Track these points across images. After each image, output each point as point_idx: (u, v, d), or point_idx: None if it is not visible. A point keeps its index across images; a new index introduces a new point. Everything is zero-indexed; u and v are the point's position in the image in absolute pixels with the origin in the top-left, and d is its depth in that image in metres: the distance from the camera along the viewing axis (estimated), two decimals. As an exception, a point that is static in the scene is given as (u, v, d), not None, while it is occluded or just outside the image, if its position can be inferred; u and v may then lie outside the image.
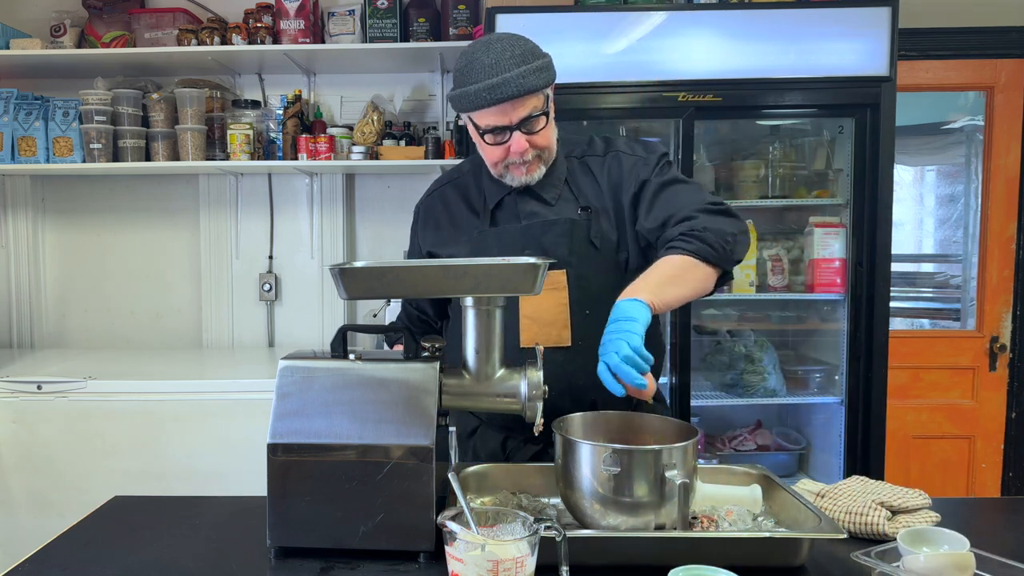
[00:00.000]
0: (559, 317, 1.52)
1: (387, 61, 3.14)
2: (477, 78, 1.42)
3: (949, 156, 3.39)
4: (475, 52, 1.45)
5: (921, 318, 3.42)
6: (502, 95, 1.41)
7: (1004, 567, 1.05)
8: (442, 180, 1.74)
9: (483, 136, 1.50)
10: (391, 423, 1.17)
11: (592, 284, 1.53)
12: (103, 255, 3.36)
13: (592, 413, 1.34)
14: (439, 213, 1.68)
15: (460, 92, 1.46)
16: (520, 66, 1.42)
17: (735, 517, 1.22)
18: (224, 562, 1.18)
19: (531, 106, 1.45)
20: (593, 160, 1.61)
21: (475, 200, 1.64)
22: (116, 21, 3.13)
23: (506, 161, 1.51)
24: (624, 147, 1.61)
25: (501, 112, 1.44)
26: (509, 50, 1.43)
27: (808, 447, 3.05)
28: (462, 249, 1.59)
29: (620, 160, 1.58)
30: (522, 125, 1.46)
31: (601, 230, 1.55)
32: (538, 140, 1.50)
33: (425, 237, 1.69)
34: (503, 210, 1.60)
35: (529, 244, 1.54)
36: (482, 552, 0.93)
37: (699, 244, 1.38)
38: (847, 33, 2.52)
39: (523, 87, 1.41)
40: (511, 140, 1.47)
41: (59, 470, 2.54)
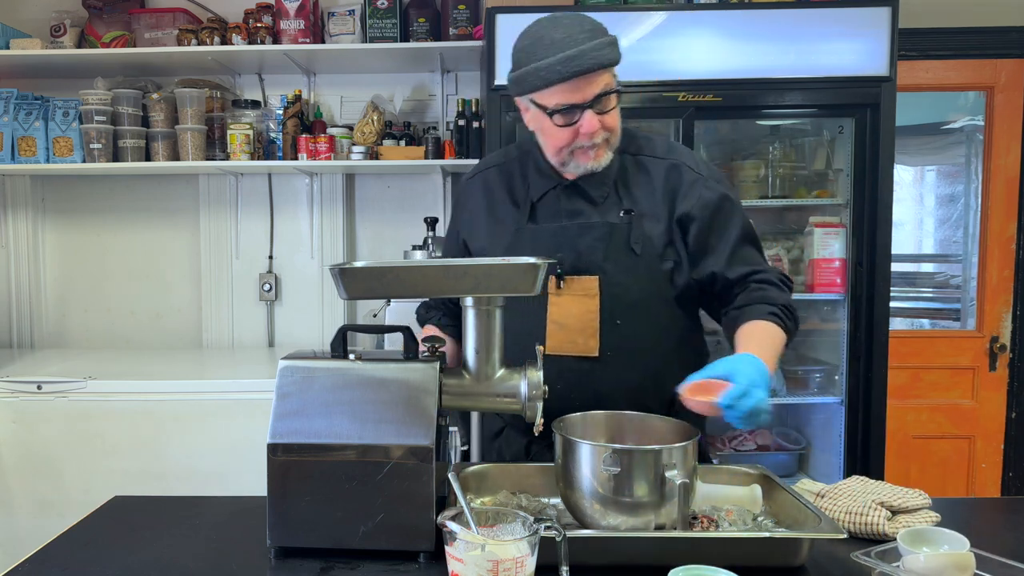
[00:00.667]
0: (588, 325, 1.46)
1: (387, 61, 3.14)
2: (547, 53, 1.34)
3: (949, 156, 3.39)
4: (540, 29, 1.38)
5: (921, 318, 3.42)
6: (578, 68, 1.33)
7: (1004, 567, 1.05)
8: (488, 162, 1.66)
9: (551, 116, 1.40)
10: (391, 423, 1.17)
11: (627, 293, 1.47)
12: (103, 255, 3.36)
13: (592, 413, 1.34)
14: (478, 199, 1.60)
15: (527, 70, 1.37)
16: (593, 39, 1.36)
17: (735, 517, 1.22)
18: (224, 562, 1.18)
19: (603, 83, 1.38)
20: (651, 161, 1.53)
21: (518, 190, 1.56)
22: (116, 21, 3.13)
23: (573, 145, 1.43)
24: (688, 160, 1.53)
25: (574, 88, 1.36)
26: (578, 24, 1.37)
27: (808, 447, 3.04)
28: (496, 244, 1.53)
29: (681, 172, 1.50)
30: (595, 103, 1.38)
31: (644, 236, 1.47)
32: (609, 121, 1.42)
33: (463, 223, 1.63)
34: (545, 205, 1.52)
35: (563, 246, 1.48)
36: (482, 552, 0.93)
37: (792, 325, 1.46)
38: (847, 33, 2.52)
39: (599, 60, 1.34)
40: (582, 120, 1.39)
41: (59, 470, 2.54)
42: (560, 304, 1.47)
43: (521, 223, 1.53)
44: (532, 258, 1.22)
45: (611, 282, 1.46)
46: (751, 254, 1.51)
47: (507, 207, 1.56)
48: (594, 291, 1.46)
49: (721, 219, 1.49)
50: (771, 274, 1.50)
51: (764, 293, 1.46)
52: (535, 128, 1.48)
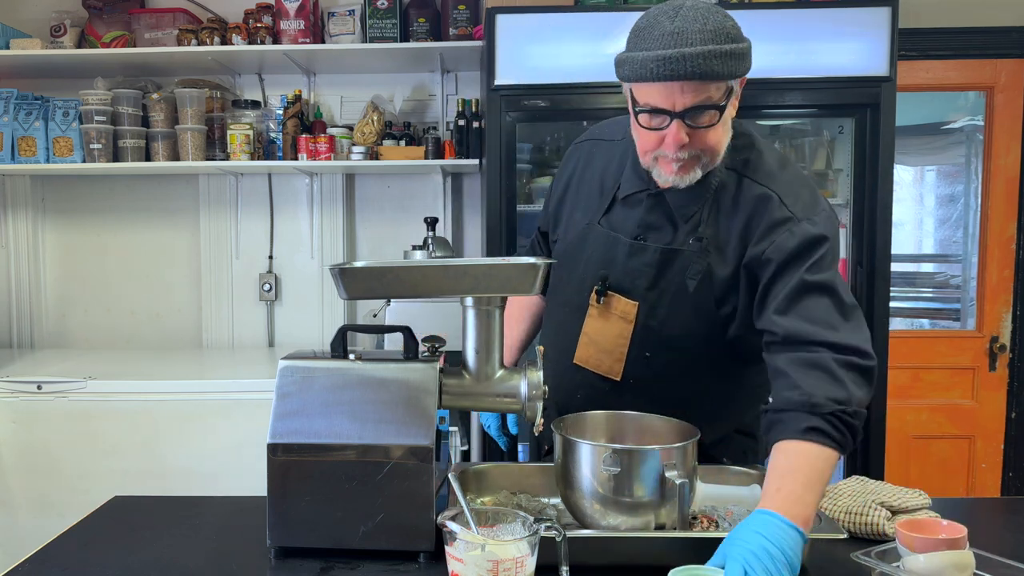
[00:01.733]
0: (617, 349, 1.37)
1: (387, 61, 3.14)
2: (651, 45, 1.18)
3: (949, 156, 3.39)
4: (659, 14, 1.21)
5: (921, 318, 3.42)
6: (673, 72, 1.16)
7: (1004, 567, 1.05)
8: (599, 133, 1.51)
9: (637, 115, 1.25)
10: (391, 423, 1.17)
11: (667, 328, 1.33)
12: (103, 255, 3.36)
13: (592, 413, 1.34)
14: (576, 169, 1.49)
15: (626, 56, 1.23)
16: (707, 44, 1.16)
17: (735, 517, 1.22)
18: (224, 562, 1.18)
19: (705, 95, 1.19)
20: (747, 184, 1.30)
21: (610, 176, 1.42)
22: (116, 21, 3.13)
23: (656, 152, 1.26)
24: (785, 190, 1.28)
25: (666, 92, 1.19)
26: (699, 21, 1.18)
27: (808, 447, 3.04)
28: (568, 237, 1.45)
29: (769, 206, 1.27)
30: (687, 115, 1.20)
31: (704, 270, 1.30)
32: (702, 138, 1.23)
33: (556, 191, 1.53)
34: (628, 206, 1.38)
35: (611, 263, 1.37)
36: (482, 552, 0.93)
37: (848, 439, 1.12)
38: (847, 33, 2.52)
39: (701, 69, 1.16)
40: (668, 129, 1.22)
41: (59, 470, 2.54)
42: (596, 319, 1.40)
43: (595, 217, 1.42)
44: (532, 258, 1.22)
45: (650, 313, 1.34)
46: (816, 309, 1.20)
47: (593, 191, 1.44)
48: (631, 317, 1.35)
49: (794, 265, 1.23)
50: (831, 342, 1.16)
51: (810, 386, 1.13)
52: (630, 120, 1.32)
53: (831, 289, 1.22)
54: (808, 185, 1.34)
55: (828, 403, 1.11)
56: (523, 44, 2.51)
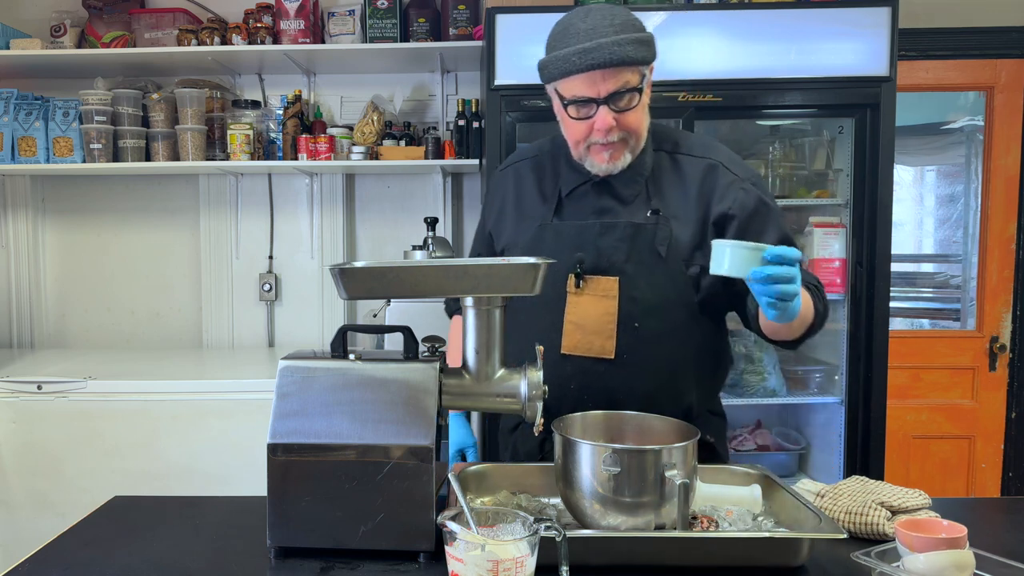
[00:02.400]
0: (605, 327, 1.43)
1: (387, 61, 3.14)
2: (568, 43, 1.33)
3: (949, 156, 3.40)
4: (571, 17, 1.37)
5: (921, 318, 3.42)
6: (592, 61, 1.31)
7: (1004, 567, 1.05)
8: (521, 154, 1.64)
9: (567, 108, 1.39)
10: (391, 423, 1.17)
11: (647, 296, 1.43)
12: (103, 255, 3.36)
13: (592, 413, 1.34)
14: (508, 191, 1.59)
15: (548, 58, 1.37)
16: (617, 34, 1.32)
17: (735, 517, 1.22)
18: (224, 562, 1.18)
19: (623, 80, 1.34)
20: (688, 160, 1.49)
21: (548, 184, 1.54)
22: (116, 21, 3.13)
23: (588, 141, 1.40)
24: (726, 160, 1.49)
25: (589, 81, 1.34)
26: (608, 17, 1.34)
27: (808, 447, 3.04)
28: (520, 239, 1.51)
29: (717, 173, 1.46)
30: (611, 100, 1.35)
31: (671, 238, 1.43)
32: (626, 120, 1.38)
33: (490, 215, 1.62)
34: (574, 200, 1.50)
35: (584, 245, 1.45)
36: (482, 552, 0.93)
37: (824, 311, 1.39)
38: (847, 33, 2.52)
39: (616, 56, 1.31)
40: (596, 115, 1.37)
41: (59, 470, 2.54)
42: (578, 304, 1.45)
43: (546, 218, 1.50)
44: (532, 258, 1.22)
45: (631, 284, 1.43)
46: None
47: (535, 201, 1.54)
48: (613, 293, 1.43)
49: (758, 221, 1.45)
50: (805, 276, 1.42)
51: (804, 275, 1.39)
52: (559, 118, 1.46)
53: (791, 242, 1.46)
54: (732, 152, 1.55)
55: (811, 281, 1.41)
56: (523, 44, 2.51)
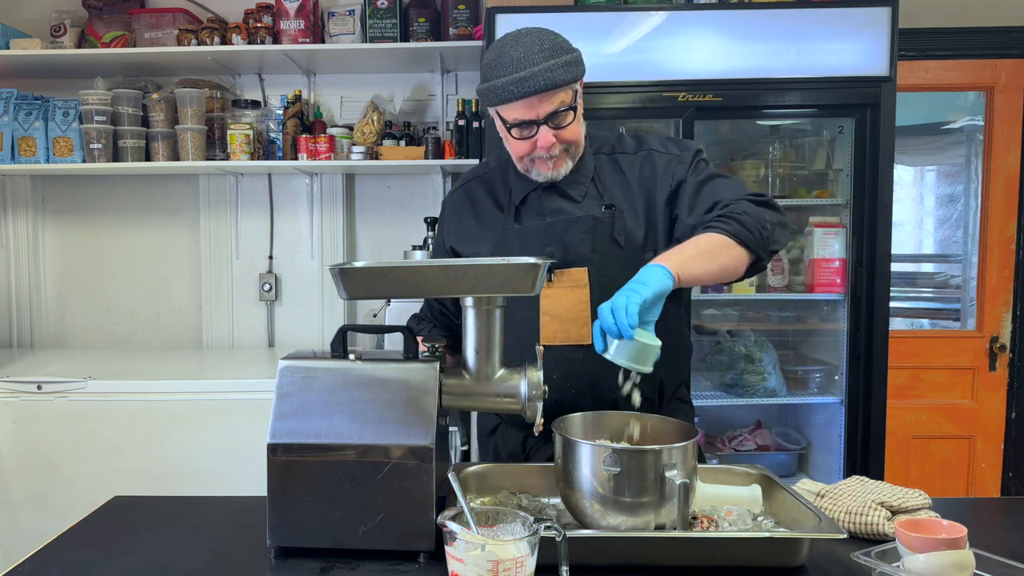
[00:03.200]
0: (579, 315, 1.51)
1: (387, 61, 3.14)
2: (504, 72, 1.41)
3: (949, 156, 3.39)
4: (503, 46, 1.44)
5: (921, 318, 3.42)
6: (529, 89, 1.40)
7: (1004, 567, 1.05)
8: (469, 175, 1.73)
9: (510, 130, 1.48)
10: (391, 423, 1.17)
11: (615, 282, 1.46)
12: (103, 255, 3.36)
13: (592, 413, 1.34)
14: (463, 208, 1.66)
15: (488, 86, 1.45)
16: (548, 60, 1.40)
17: (735, 517, 1.22)
18: (224, 562, 1.18)
19: (559, 100, 1.44)
20: (623, 157, 1.59)
21: (501, 195, 1.63)
22: (116, 21, 3.13)
23: (532, 155, 1.50)
24: (657, 145, 1.59)
25: (528, 106, 1.43)
26: (537, 44, 1.42)
27: (808, 447, 3.05)
28: (485, 246, 1.58)
29: (653, 159, 1.56)
30: (549, 119, 1.45)
31: (626, 228, 1.53)
32: (565, 135, 1.48)
33: (448, 232, 1.68)
34: (528, 206, 1.58)
35: (552, 241, 1.53)
36: (482, 552, 0.93)
37: (736, 225, 1.38)
38: (847, 33, 2.52)
39: (550, 81, 1.40)
40: (538, 134, 1.46)
41: (59, 470, 2.54)
42: (552, 296, 1.52)
43: (508, 223, 1.58)
44: (532, 258, 1.22)
45: (599, 272, 1.51)
46: (711, 191, 1.50)
47: (492, 212, 1.61)
48: (584, 282, 1.51)
49: (694, 176, 1.53)
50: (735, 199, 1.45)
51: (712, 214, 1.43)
52: (502, 136, 1.54)
53: (720, 175, 1.54)
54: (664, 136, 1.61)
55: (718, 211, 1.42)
56: (523, 44, 2.51)
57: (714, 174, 1.54)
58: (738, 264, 1.40)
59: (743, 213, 1.40)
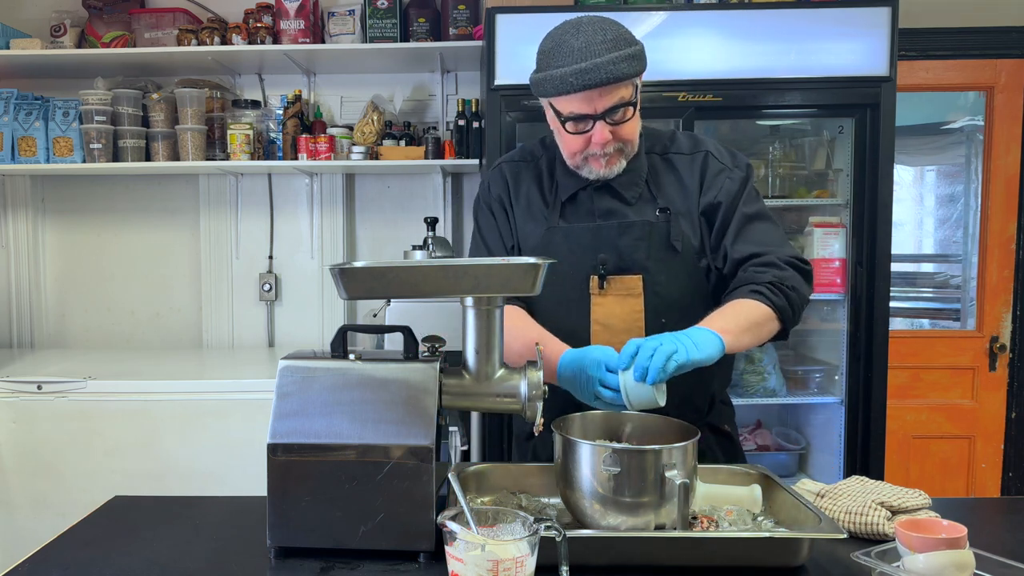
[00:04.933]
0: (633, 325, 1.45)
1: (387, 61, 3.14)
2: (564, 61, 1.34)
3: (949, 156, 3.39)
4: (563, 34, 1.37)
5: (921, 318, 3.42)
6: (591, 81, 1.32)
7: (1004, 567, 1.05)
8: (513, 156, 1.62)
9: (564, 124, 1.41)
10: (391, 423, 1.17)
11: (670, 291, 1.46)
12: (103, 255, 3.36)
13: (592, 413, 1.34)
14: (508, 188, 1.57)
15: (544, 75, 1.37)
16: (611, 51, 1.33)
17: (735, 517, 1.22)
18: (224, 562, 1.18)
19: (618, 96, 1.37)
20: (678, 158, 1.52)
21: (546, 188, 1.54)
22: (116, 21, 3.13)
23: (585, 152, 1.43)
24: (712, 149, 1.53)
25: (587, 99, 1.36)
26: (600, 34, 1.35)
27: (808, 447, 3.05)
28: (528, 241, 1.50)
29: (708, 162, 1.50)
30: (607, 115, 1.38)
31: (682, 233, 1.46)
32: (622, 132, 1.41)
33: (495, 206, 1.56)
34: (576, 205, 1.51)
35: (603, 246, 1.46)
36: (482, 552, 0.93)
37: (784, 302, 1.36)
38: (847, 33, 2.52)
39: (613, 74, 1.33)
40: (593, 130, 1.39)
41: (59, 470, 2.54)
42: (603, 304, 1.46)
43: (553, 221, 1.50)
44: (532, 258, 1.22)
45: (654, 280, 1.45)
46: (761, 233, 1.46)
47: (537, 204, 1.53)
48: (638, 290, 1.45)
49: (736, 202, 1.48)
50: (778, 255, 1.43)
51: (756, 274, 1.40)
52: (553, 129, 1.47)
53: (767, 216, 1.49)
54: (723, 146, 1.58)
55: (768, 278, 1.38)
56: (523, 44, 2.50)
57: (762, 212, 1.49)
58: (768, 338, 1.39)
59: (792, 289, 1.37)
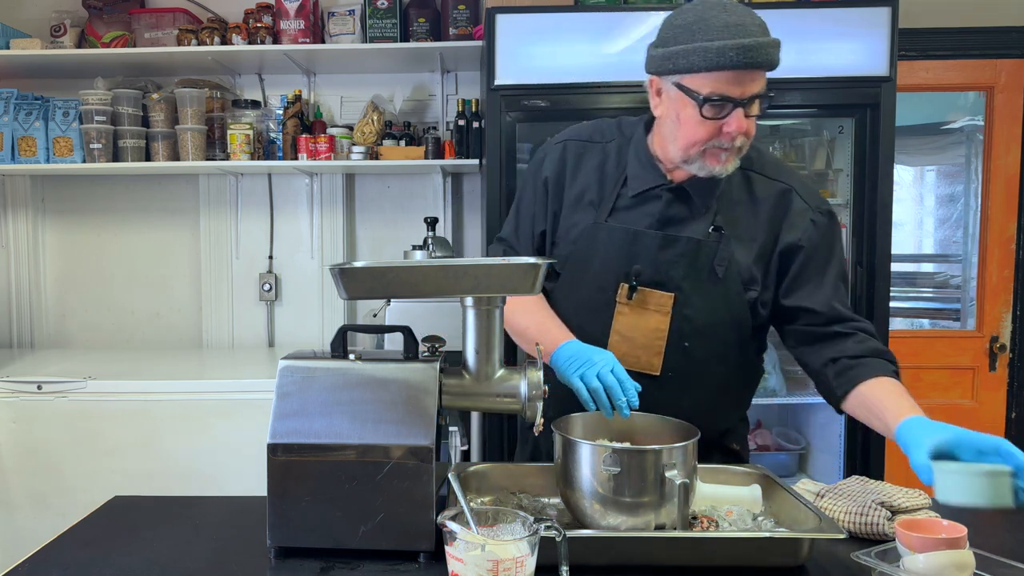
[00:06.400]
0: (654, 343, 1.39)
1: (387, 61, 3.14)
2: (718, 35, 1.22)
3: (949, 156, 3.39)
4: (705, 10, 1.27)
5: (921, 318, 3.42)
6: (752, 59, 1.22)
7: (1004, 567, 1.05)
8: (581, 134, 1.51)
9: (703, 105, 1.27)
10: (391, 423, 1.17)
11: (701, 315, 1.38)
12: (103, 255, 3.36)
13: (592, 413, 1.33)
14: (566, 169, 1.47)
15: (688, 48, 1.25)
16: (766, 35, 1.24)
17: (735, 517, 1.22)
18: (224, 562, 1.18)
19: (761, 84, 1.27)
20: (759, 179, 1.42)
21: (607, 177, 1.44)
22: (116, 21, 3.13)
23: (708, 144, 1.30)
24: (798, 185, 1.43)
25: (737, 80, 1.24)
26: (750, 16, 1.25)
27: (808, 447, 3.04)
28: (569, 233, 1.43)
29: (791, 200, 1.40)
30: (750, 102, 1.27)
31: (731, 258, 1.37)
32: (750, 127, 1.30)
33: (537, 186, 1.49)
34: (639, 202, 1.41)
35: (640, 256, 1.39)
36: (482, 552, 0.93)
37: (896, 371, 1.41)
38: (847, 33, 2.52)
39: (769, 58, 1.24)
40: (730, 117, 1.27)
41: (59, 470, 2.54)
42: (628, 315, 1.40)
43: (600, 217, 1.42)
44: (532, 258, 1.22)
45: (686, 302, 1.38)
46: (844, 294, 1.44)
47: (592, 193, 1.44)
48: (667, 308, 1.38)
49: (823, 253, 1.41)
50: (865, 323, 1.43)
51: (874, 346, 1.40)
52: (667, 115, 1.35)
53: (847, 276, 1.46)
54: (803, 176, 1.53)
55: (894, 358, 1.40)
56: (523, 44, 2.51)
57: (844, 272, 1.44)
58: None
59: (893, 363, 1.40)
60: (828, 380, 1.39)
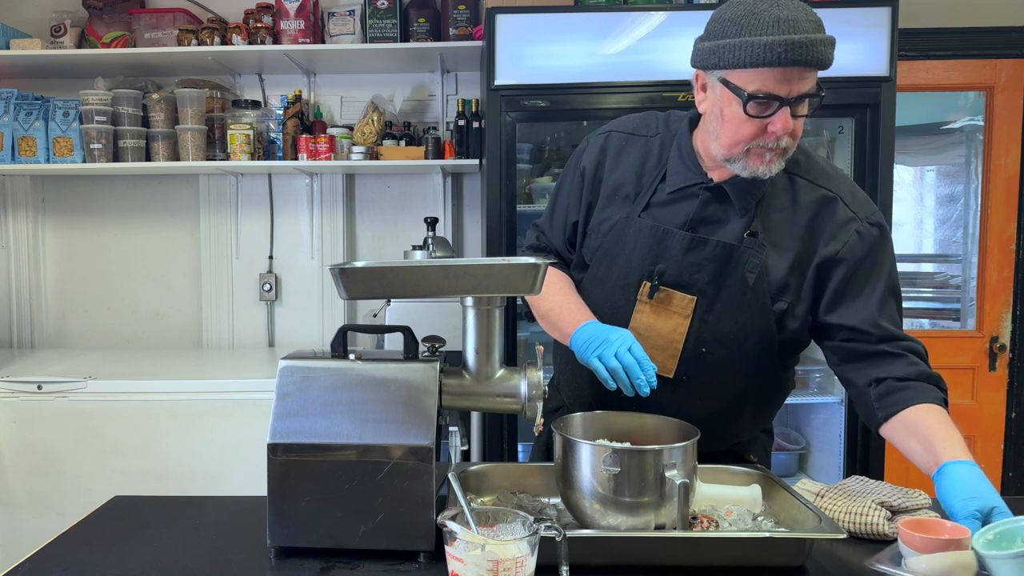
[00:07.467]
0: (670, 345, 1.36)
1: (387, 61, 3.14)
2: (768, 30, 1.17)
3: (949, 156, 3.39)
4: (756, 3, 1.21)
5: (921, 318, 3.41)
6: (801, 56, 1.17)
7: (1004, 567, 1.05)
8: (627, 126, 1.47)
9: (747, 103, 1.22)
10: (391, 423, 1.17)
11: (722, 322, 1.34)
12: (103, 255, 3.36)
13: (592, 413, 1.34)
14: (605, 160, 1.43)
15: (737, 42, 1.20)
16: (819, 32, 1.19)
17: (735, 517, 1.22)
18: (224, 562, 1.17)
19: (811, 83, 1.22)
20: (803, 183, 1.35)
21: (647, 172, 1.40)
22: (116, 21, 3.13)
23: (753, 143, 1.25)
24: (846, 193, 1.35)
25: (784, 78, 1.20)
26: (804, 12, 1.20)
27: (808, 447, 3.04)
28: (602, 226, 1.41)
29: (835, 208, 1.33)
30: (798, 102, 1.22)
31: (762, 265, 1.32)
32: (797, 128, 1.25)
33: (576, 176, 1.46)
34: (675, 199, 1.37)
35: (666, 255, 1.35)
36: (482, 552, 0.93)
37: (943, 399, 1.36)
38: (847, 33, 2.50)
39: (824, 57, 1.19)
40: (776, 116, 1.22)
41: (59, 470, 2.54)
42: (647, 314, 1.37)
43: (633, 212, 1.39)
44: (531, 258, 1.22)
45: (708, 307, 1.34)
46: (894, 311, 1.36)
47: (629, 186, 1.41)
48: (687, 312, 1.35)
49: (869, 267, 1.34)
50: (917, 344, 1.36)
51: (924, 370, 1.34)
52: (711, 111, 1.30)
53: (898, 290, 1.38)
54: (855, 184, 1.41)
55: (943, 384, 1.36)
56: (523, 44, 2.51)
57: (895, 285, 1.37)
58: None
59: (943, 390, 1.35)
60: (870, 400, 1.34)
